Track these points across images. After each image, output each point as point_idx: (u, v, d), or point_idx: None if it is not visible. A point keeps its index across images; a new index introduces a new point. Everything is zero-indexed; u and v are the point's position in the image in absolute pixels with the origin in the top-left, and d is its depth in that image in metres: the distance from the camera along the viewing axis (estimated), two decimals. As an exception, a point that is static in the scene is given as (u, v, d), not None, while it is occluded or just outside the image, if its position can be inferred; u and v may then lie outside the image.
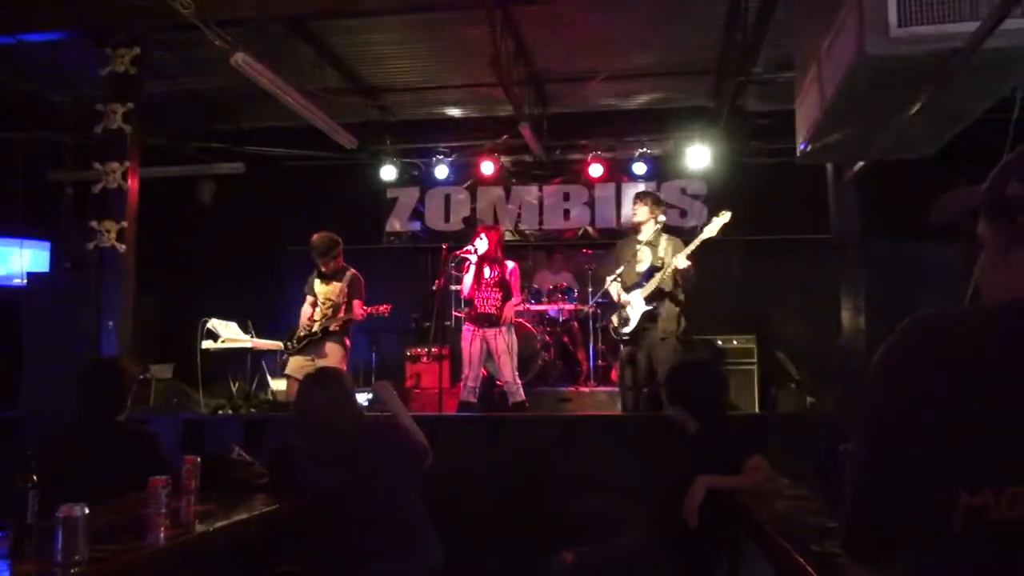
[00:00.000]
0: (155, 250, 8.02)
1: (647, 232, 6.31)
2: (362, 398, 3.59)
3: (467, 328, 6.96)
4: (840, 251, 6.84)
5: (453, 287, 8.57)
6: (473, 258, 6.89)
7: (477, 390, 6.86)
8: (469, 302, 6.99)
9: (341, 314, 6.60)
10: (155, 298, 8.44)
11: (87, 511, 2.36)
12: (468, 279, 6.91)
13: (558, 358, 8.62)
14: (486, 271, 6.91)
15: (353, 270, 6.74)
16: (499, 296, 6.87)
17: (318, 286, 6.71)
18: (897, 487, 1.20)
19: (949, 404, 1.16)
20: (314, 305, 6.71)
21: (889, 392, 1.23)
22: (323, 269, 6.65)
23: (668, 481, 3.58)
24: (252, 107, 8.62)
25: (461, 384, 7.00)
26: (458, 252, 6.91)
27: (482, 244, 6.87)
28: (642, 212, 6.31)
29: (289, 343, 6.65)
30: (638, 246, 6.30)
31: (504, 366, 6.79)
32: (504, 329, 6.82)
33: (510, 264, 7.03)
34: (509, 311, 6.88)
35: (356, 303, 6.66)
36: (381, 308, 6.65)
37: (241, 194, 9.74)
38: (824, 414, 6.51)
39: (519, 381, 6.90)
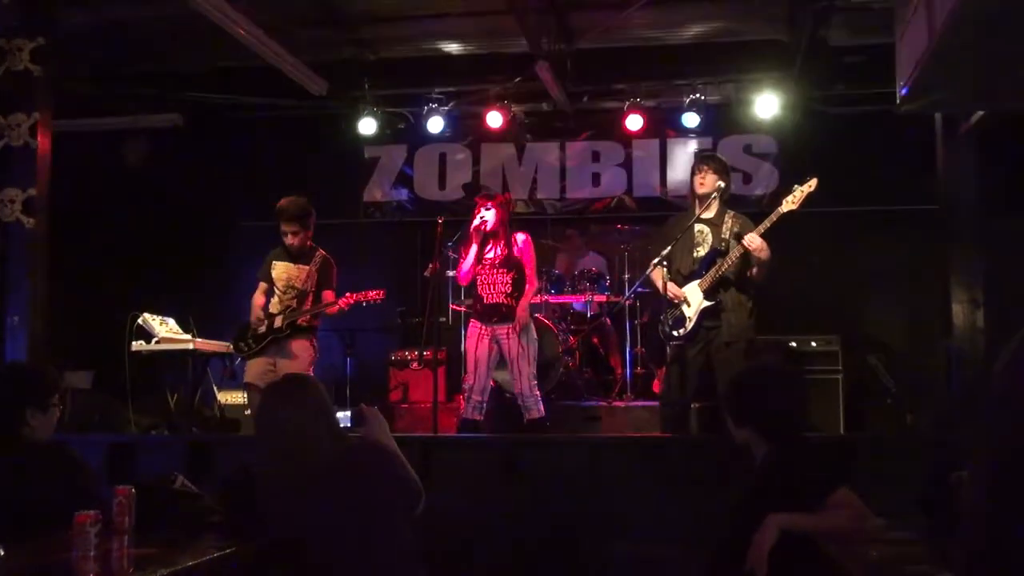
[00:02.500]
0: (71, 226, 8.10)
1: (712, 208, 6.33)
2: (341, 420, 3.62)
3: (473, 326, 6.99)
4: (951, 228, 6.85)
5: (450, 273, 8.61)
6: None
7: (484, 405, 6.90)
8: (471, 291, 7.03)
9: (308, 305, 6.66)
10: (71, 287, 8.51)
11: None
12: (467, 261, 6.94)
13: (585, 364, 8.67)
14: (488, 249, 6.93)
15: (324, 252, 6.79)
16: (508, 279, 6.87)
17: (279, 268, 6.76)
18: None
19: None
20: (267, 293, 6.77)
21: None
22: (290, 243, 6.69)
23: (727, 522, 3.61)
24: (194, 43, 8.63)
25: (463, 397, 7.04)
26: (471, 226, 6.91)
27: (489, 216, 6.89)
28: (707, 181, 6.32)
29: (244, 344, 6.70)
30: (698, 225, 6.32)
31: (520, 373, 6.82)
32: (520, 325, 6.85)
33: (520, 236, 7.04)
34: (524, 310, 6.89)
35: (327, 294, 6.71)
36: (371, 294, 6.68)
37: (180, 154, 9.79)
38: (928, 436, 6.53)
39: (538, 393, 6.94)
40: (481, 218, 6.88)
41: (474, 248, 6.90)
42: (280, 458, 3.33)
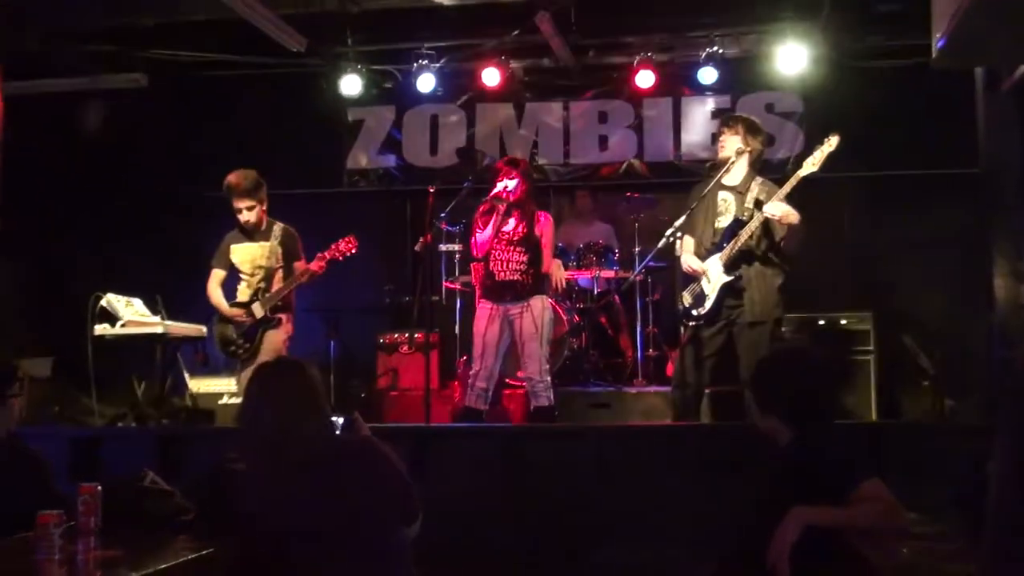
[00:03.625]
0: (25, 198, 8.11)
1: (736, 173, 6.36)
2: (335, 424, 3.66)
3: (483, 306, 7.04)
4: (992, 193, 6.86)
5: (443, 247, 8.64)
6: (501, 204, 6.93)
7: (489, 394, 6.95)
8: (485, 266, 7.05)
9: (279, 283, 6.72)
10: (25, 265, 8.57)
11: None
12: (485, 234, 6.96)
13: (592, 346, 8.71)
14: (508, 223, 6.97)
15: (282, 223, 6.92)
16: (524, 258, 6.92)
17: (239, 252, 6.87)
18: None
19: None
20: (222, 284, 6.88)
21: None
22: (247, 221, 6.78)
23: (747, 516, 3.66)
24: (157, -7, 8.64)
25: (465, 382, 7.08)
26: (492, 193, 6.94)
27: (512, 185, 6.93)
28: (731, 143, 6.35)
29: (235, 346, 6.81)
30: (722, 193, 6.35)
31: (530, 355, 6.86)
32: (536, 300, 6.89)
33: (542, 215, 7.10)
34: (558, 270, 6.99)
35: (298, 265, 6.80)
36: (342, 245, 6.75)
37: (143, 118, 9.79)
38: (968, 423, 6.58)
39: (549, 379, 6.99)
40: (504, 187, 6.91)
41: (494, 220, 6.92)
42: (260, 451, 3.36)
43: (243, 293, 6.89)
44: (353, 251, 6.80)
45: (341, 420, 3.65)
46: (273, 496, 3.31)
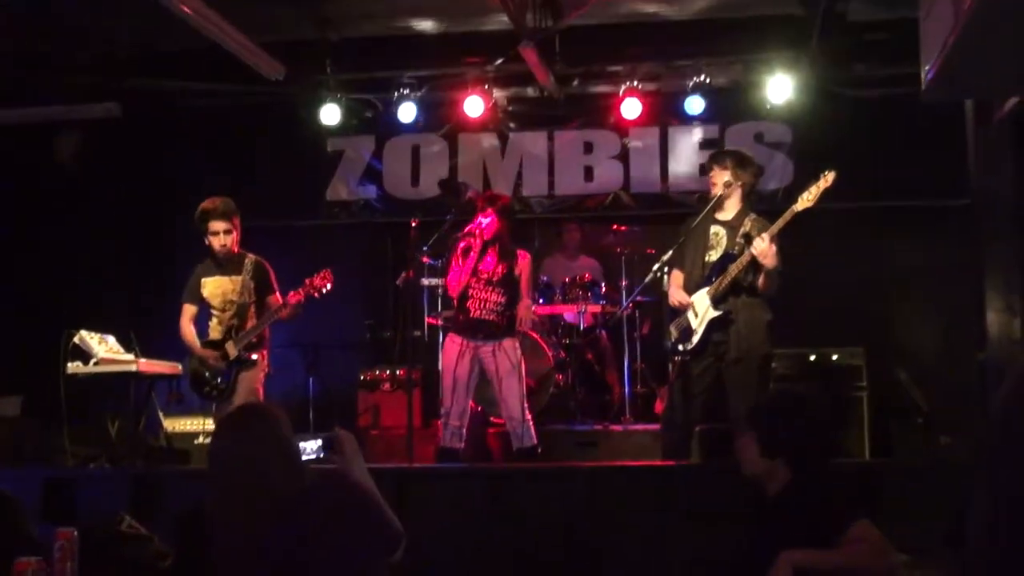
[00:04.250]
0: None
1: (729, 208, 6.44)
2: (311, 447, 3.65)
3: (452, 340, 7.09)
4: (984, 227, 6.93)
5: (426, 281, 8.69)
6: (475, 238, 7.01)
7: (463, 431, 6.99)
8: (460, 302, 7.11)
9: (253, 319, 6.74)
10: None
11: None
12: (459, 272, 7.03)
13: (579, 383, 8.75)
14: (486, 261, 7.04)
15: (253, 255, 6.93)
16: (502, 299, 7.01)
17: (210, 285, 6.89)
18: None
19: None
20: (195, 320, 6.89)
21: None
22: (221, 247, 6.77)
23: (738, 558, 3.71)
24: (133, 22, 8.69)
25: (440, 422, 7.12)
26: (466, 229, 7.00)
27: (488, 222, 6.99)
28: (721, 179, 6.43)
29: (209, 387, 6.81)
30: (714, 227, 6.43)
31: (509, 394, 6.93)
32: (508, 342, 6.95)
33: (521, 255, 7.18)
34: (526, 311, 7.01)
35: (271, 299, 6.82)
36: (317, 280, 6.69)
37: (118, 148, 9.82)
38: (963, 461, 6.62)
39: (529, 417, 7.03)
40: (479, 223, 6.98)
41: (472, 256, 6.99)
42: (235, 497, 3.39)
43: (215, 330, 6.87)
44: (329, 287, 6.72)
45: (319, 443, 3.62)
46: (246, 547, 3.33)
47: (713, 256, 6.35)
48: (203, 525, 3.55)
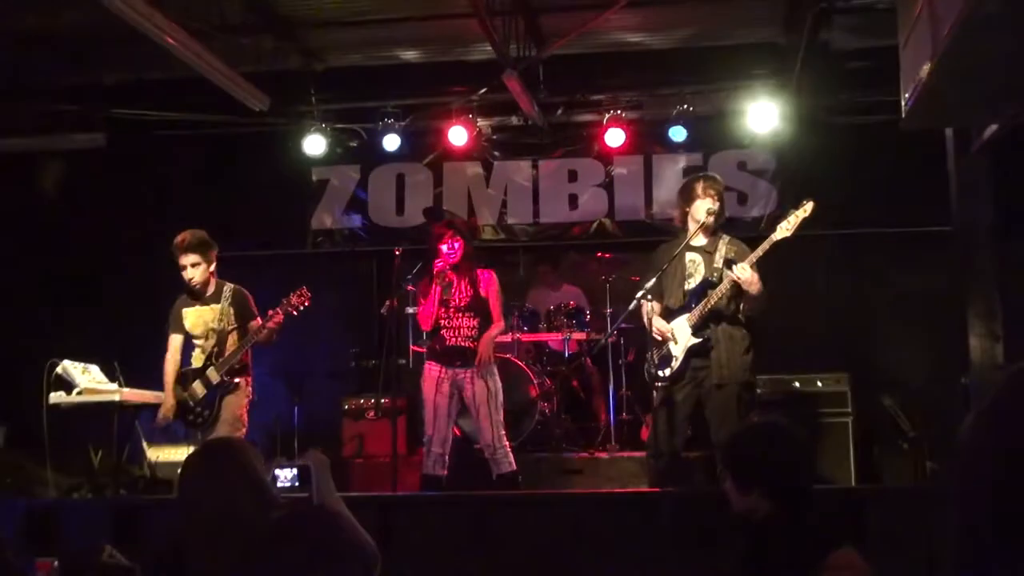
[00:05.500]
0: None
1: (700, 233, 6.46)
2: (286, 476, 3.63)
3: (430, 368, 7.11)
4: (965, 253, 6.97)
5: (410, 309, 8.69)
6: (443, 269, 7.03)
7: (446, 458, 7.00)
8: (435, 332, 7.14)
9: (232, 346, 6.75)
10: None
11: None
12: (429, 303, 7.05)
13: (564, 411, 8.75)
14: (452, 289, 7.06)
15: (231, 284, 6.96)
16: (474, 323, 7.04)
17: (191, 316, 6.92)
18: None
19: None
20: (182, 349, 6.90)
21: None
22: (191, 279, 6.79)
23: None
24: (118, 52, 8.71)
25: (423, 450, 7.12)
26: (435, 266, 7.02)
27: (456, 248, 7.02)
28: (701, 206, 6.45)
29: (193, 415, 6.79)
30: (689, 254, 6.46)
31: (485, 421, 6.95)
32: (484, 369, 6.97)
33: (484, 275, 7.20)
34: (487, 346, 7.02)
35: (254, 324, 6.82)
36: (294, 299, 6.67)
37: (101, 178, 9.84)
38: (948, 487, 6.63)
39: (507, 444, 7.05)
40: (447, 252, 7.00)
41: (437, 288, 7.01)
42: (204, 531, 3.38)
43: (197, 359, 6.89)
44: (306, 304, 6.72)
45: (292, 472, 3.60)
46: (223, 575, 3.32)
47: (692, 284, 6.39)
48: (182, 560, 3.55)
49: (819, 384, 8.21)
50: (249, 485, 3.41)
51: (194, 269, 6.76)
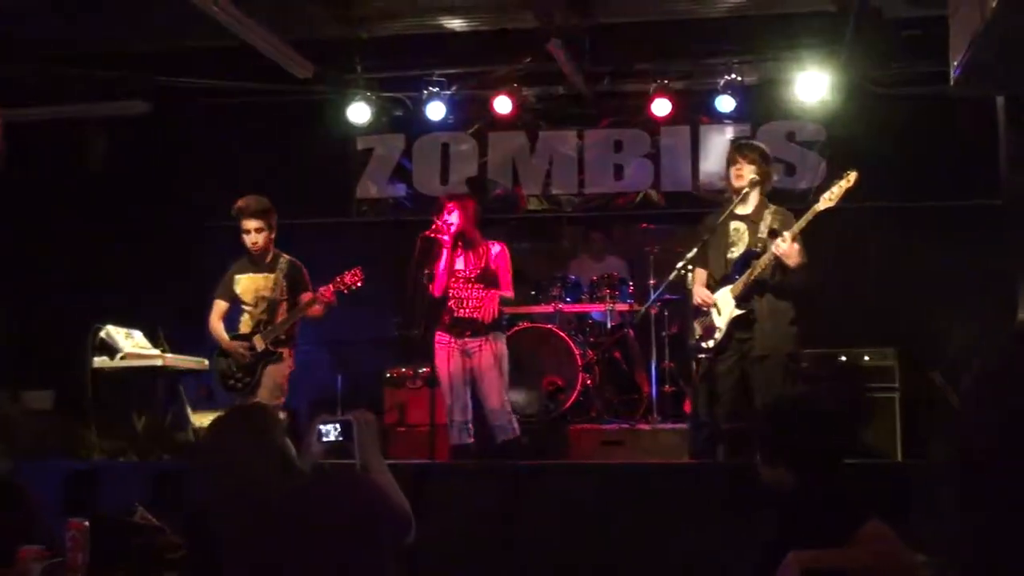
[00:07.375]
0: (24, 229, 8.20)
1: (749, 203, 6.41)
2: (330, 430, 3.61)
3: (441, 339, 7.19)
4: (1016, 227, 6.87)
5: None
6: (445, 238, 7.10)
7: (470, 426, 7.06)
8: (444, 302, 7.21)
9: (281, 316, 6.80)
10: (26, 297, 8.65)
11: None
12: (439, 271, 7.14)
13: (606, 381, 8.74)
14: (459, 259, 7.11)
15: (288, 256, 7.04)
16: (481, 294, 7.13)
17: (243, 282, 6.97)
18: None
19: None
20: (224, 318, 6.98)
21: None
22: (254, 243, 6.86)
23: (753, 559, 3.69)
24: (160, 18, 8.75)
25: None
26: (426, 233, 7.09)
27: (453, 219, 7.07)
28: (746, 172, 6.40)
29: (234, 380, 6.89)
30: (733, 223, 6.41)
31: (490, 388, 7.03)
32: (490, 336, 7.01)
33: (495, 248, 7.27)
34: (492, 303, 7.10)
35: (305, 296, 6.87)
36: (347, 278, 6.81)
37: (145, 146, 9.92)
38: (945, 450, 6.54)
39: (510, 410, 7.13)
40: (445, 222, 7.06)
41: (444, 256, 7.10)
42: (223, 495, 3.41)
43: (245, 325, 6.97)
44: (359, 284, 6.86)
45: (335, 427, 3.60)
46: (247, 538, 3.35)
47: (735, 253, 6.34)
48: (212, 522, 3.59)
49: (866, 359, 8.13)
50: (265, 450, 3.44)
51: (258, 234, 6.85)
